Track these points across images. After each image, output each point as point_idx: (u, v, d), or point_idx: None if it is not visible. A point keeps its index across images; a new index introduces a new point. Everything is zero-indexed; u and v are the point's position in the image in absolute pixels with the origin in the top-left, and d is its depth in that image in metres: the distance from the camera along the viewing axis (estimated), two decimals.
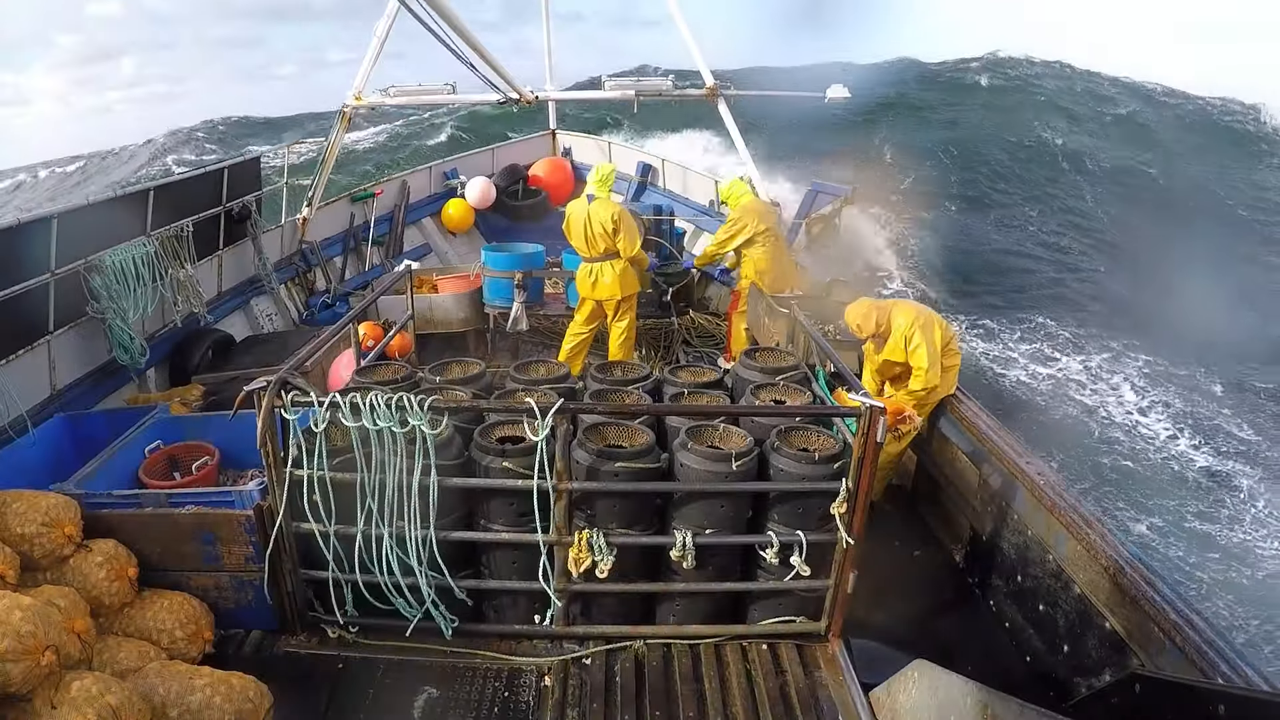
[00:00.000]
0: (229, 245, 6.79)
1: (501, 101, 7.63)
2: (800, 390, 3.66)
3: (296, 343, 5.09)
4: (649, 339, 7.40)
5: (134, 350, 5.17)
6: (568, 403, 2.95)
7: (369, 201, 8.71)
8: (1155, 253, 14.09)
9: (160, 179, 5.73)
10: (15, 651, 2.19)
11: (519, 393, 3.52)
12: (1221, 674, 2.34)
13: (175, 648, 2.92)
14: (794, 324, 4.77)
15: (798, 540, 3.03)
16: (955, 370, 4.50)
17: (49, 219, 4.53)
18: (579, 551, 2.99)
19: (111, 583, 2.91)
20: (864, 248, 11.84)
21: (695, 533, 3.02)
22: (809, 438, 3.28)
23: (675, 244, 8.22)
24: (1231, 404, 10.13)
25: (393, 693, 2.95)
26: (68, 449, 4.19)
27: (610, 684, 3.01)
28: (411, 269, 5.16)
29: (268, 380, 2.91)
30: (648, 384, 3.73)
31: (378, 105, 7.67)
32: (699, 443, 3.13)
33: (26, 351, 4.58)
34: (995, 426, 4.07)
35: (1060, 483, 3.48)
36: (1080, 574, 3.11)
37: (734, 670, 3.10)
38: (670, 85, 7.78)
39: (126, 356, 5.16)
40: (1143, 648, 2.72)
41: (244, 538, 3.05)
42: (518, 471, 2.98)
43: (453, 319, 6.75)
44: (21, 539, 2.81)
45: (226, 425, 4.13)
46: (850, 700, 2.94)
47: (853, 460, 2.94)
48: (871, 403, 2.85)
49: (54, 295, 4.69)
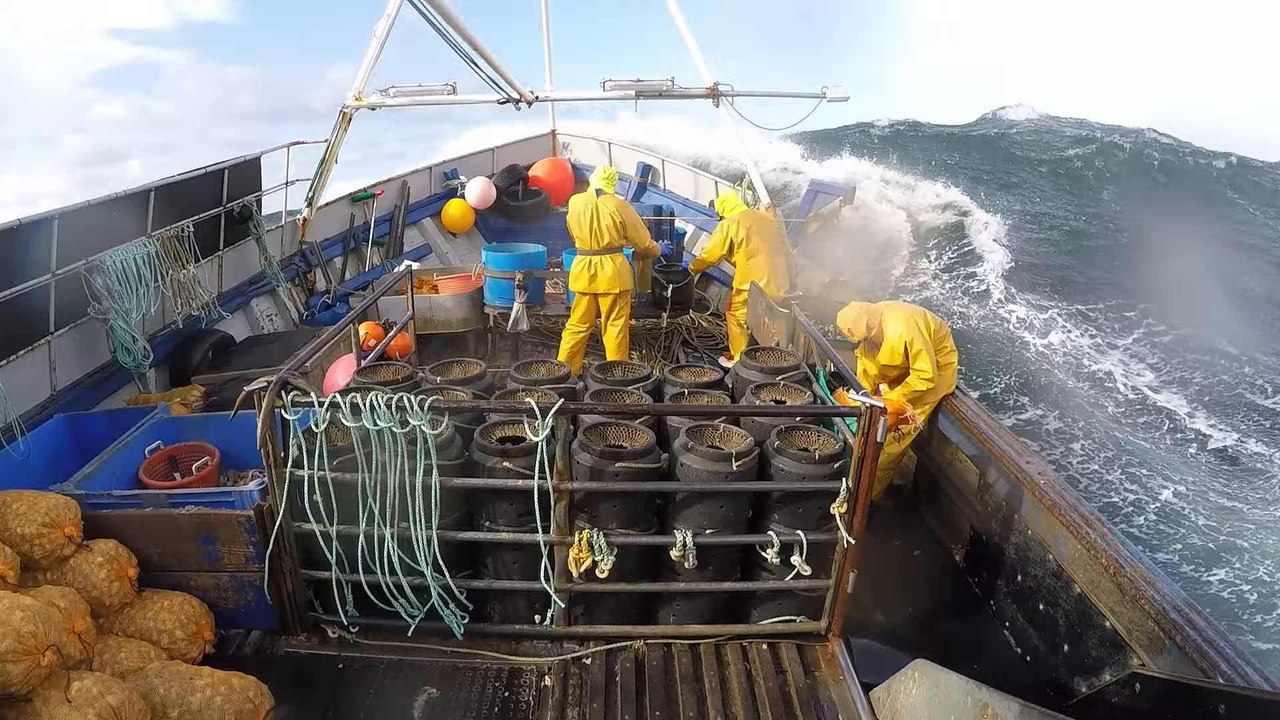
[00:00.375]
0: (229, 245, 6.79)
1: (502, 101, 7.63)
2: (801, 390, 3.66)
3: (297, 343, 5.09)
4: (649, 339, 7.41)
5: (137, 352, 5.18)
6: (568, 403, 2.95)
7: (369, 202, 8.71)
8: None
9: (161, 179, 5.71)
10: (16, 652, 2.19)
11: (519, 393, 3.52)
12: (1222, 673, 2.34)
13: (175, 648, 2.92)
14: (794, 324, 4.77)
15: (798, 540, 3.03)
16: (953, 368, 4.50)
17: (50, 219, 4.53)
18: (579, 551, 2.99)
19: (112, 583, 2.91)
20: (867, 247, 11.83)
21: (695, 533, 3.02)
22: (809, 437, 3.28)
23: (676, 244, 8.23)
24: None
25: (393, 693, 2.95)
26: (68, 449, 4.20)
27: (610, 684, 3.02)
28: (412, 269, 5.16)
29: (268, 381, 2.91)
30: (648, 384, 3.73)
31: (378, 105, 7.66)
32: (699, 443, 3.14)
33: (27, 352, 4.58)
34: (995, 426, 4.07)
35: (1060, 482, 3.48)
36: (1080, 573, 3.11)
37: (734, 670, 3.10)
38: (671, 85, 7.77)
39: (130, 359, 5.16)
40: (1143, 647, 2.72)
41: (244, 538, 3.05)
42: (518, 471, 2.99)
43: (453, 319, 6.74)
44: (22, 539, 2.81)
45: (227, 426, 4.13)
46: (850, 700, 2.94)
47: (853, 460, 2.94)
48: (872, 402, 2.85)
49: (55, 296, 4.69)
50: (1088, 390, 10.18)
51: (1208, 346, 11.19)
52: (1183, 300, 11.92)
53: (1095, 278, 13.55)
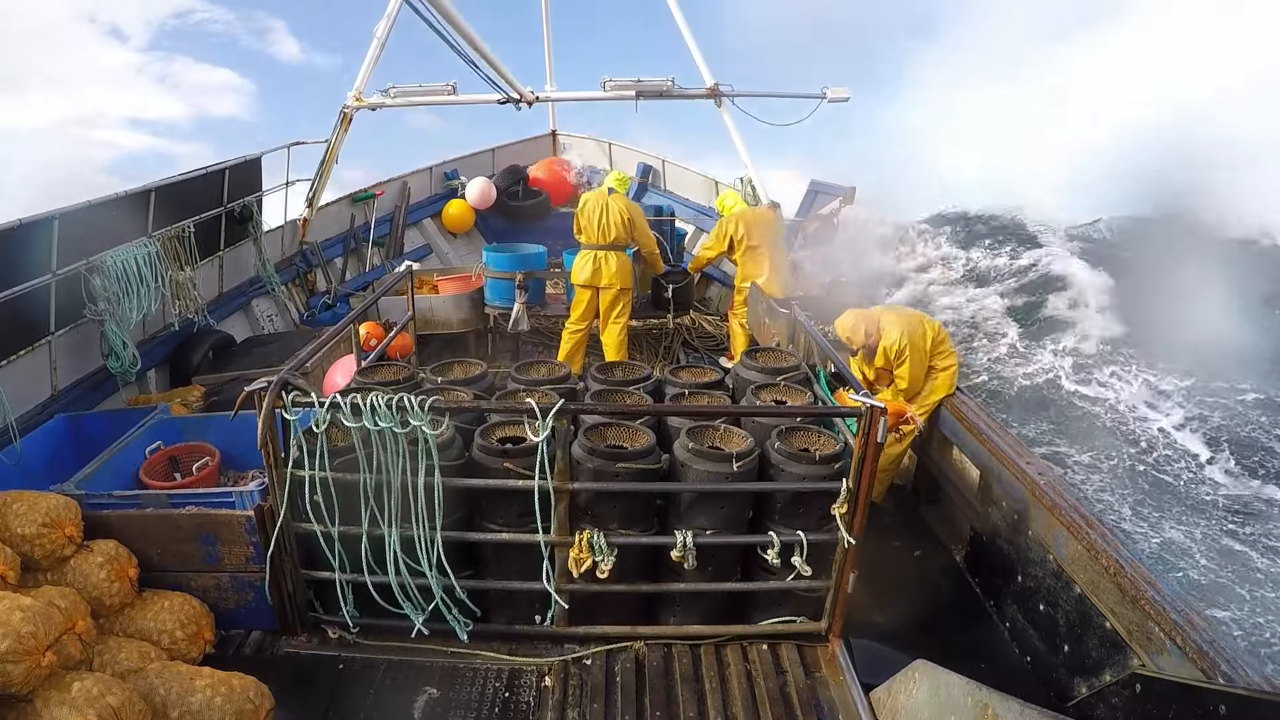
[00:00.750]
0: (230, 246, 6.79)
1: (502, 101, 7.63)
2: (801, 391, 3.66)
3: (297, 344, 5.09)
4: (649, 339, 7.41)
5: (125, 359, 5.11)
6: (568, 403, 2.95)
7: (369, 202, 8.71)
8: None
9: (161, 179, 5.71)
10: (16, 652, 2.20)
11: (520, 393, 3.52)
12: (1222, 674, 2.34)
13: (176, 648, 2.92)
14: (794, 324, 4.77)
15: (798, 540, 3.03)
16: (952, 371, 4.51)
17: (50, 219, 4.53)
18: (579, 552, 2.99)
19: (112, 583, 2.91)
20: (870, 247, 11.78)
21: (696, 533, 3.02)
22: (810, 438, 3.28)
23: (676, 244, 8.23)
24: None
25: (393, 693, 2.95)
26: (68, 449, 4.20)
27: (610, 684, 3.02)
28: (412, 269, 5.16)
29: (268, 381, 2.91)
30: (648, 384, 3.73)
31: (378, 106, 7.67)
32: (700, 443, 3.14)
33: (28, 352, 4.58)
34: (996, 427, 4.07)
35: (1060, 483, 3.47)
36: (1080, 574, 3.10)
37: (734, 670, 3.10)
38: (671, 85, 7.78)
39: (118, 364, 5.10)
40: (1143, 648, 2.72)
41: (245, 538, 3.05)
42: (518, 472, 2.99)
43: (453, 320, 6.75)
44: (22, 539, 2.81)
45: (227, 426, 4.13)
46: (851, 700, 2.94)
47: (853, 460, 2.94)
48: (872, 403, 2.85)
49: (55, 296, 4.69)
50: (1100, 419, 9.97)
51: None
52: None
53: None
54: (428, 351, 6.45)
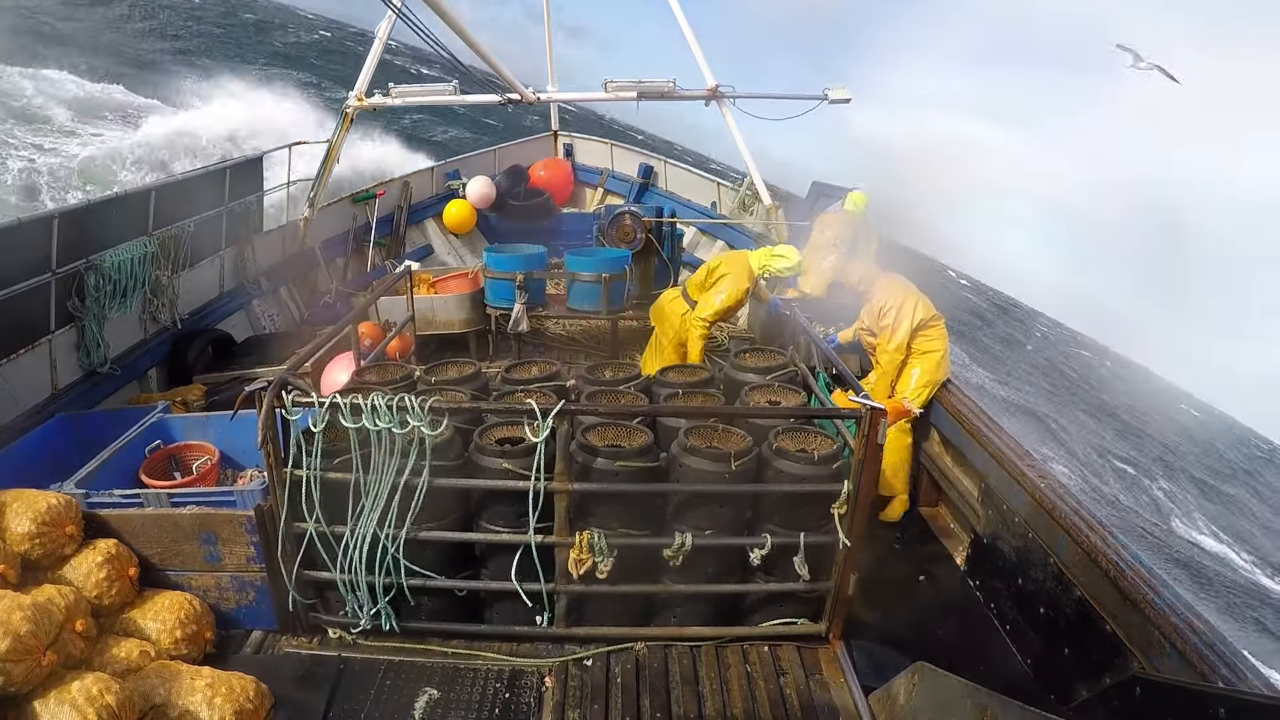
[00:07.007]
0: (230, 245, 6.79)
1: (503, 102, 7.63)
2: (795, 390, 3.66)
3: (297, 343, 5.08)
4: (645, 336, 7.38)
5: (96, 358, 5.01)
6: (568, 404, 2.95)
7: (370, 202, 8.70)
8: None
9: (162, 179, 5.71)
10: (16, 651, 2.20)
11: (518, 393, 3.52)
12: (1222, 677, 2.34)
13: (176, 648, 2.92)
14: (794, 325, 4.77)
15: (797, 542, 3.02)
16: (941, 355, 4.52)
17: (50, 218, 4.53)
18: (579, 553, 2.99)
19: (112, 583, 2.91)
20: None
21: (695, 534, 3.02)
22: (808, 439, 3.27)
23: (676, 246, 8.22)
24: None
25: (394, 693, 2.94)
26: (68, 449, 4.19)
27: (610, 685, 3.02)
28: (412, 269, 5.16)
29: (268, 381, 2.91)
30: (638, 384, 3.72)
31: (380, 106, 7.66)
32: (698, 443, 3.13)
33: (27, 351, 4.58)
34: (997, 429, 4.07)
35: (1061, 486, 3.47)
36: (1081, 577, 3.10)
37: (734, 672, 3.10)
38: (672, 86, 7.77)
39: (88, 361, 4.99)
40: (1143, 651, 2.72)
41: (245, 538, 3.05)
42: (517, 472, 2.98)
43: (454, 320, 6.74)
44: (22, 539, 2.81)
45: (227, 425, 4.12)
46: (851, 702, 2.94)
47: (853, 462, 2.94)
48: (872, 404, 2.85)
49: (55, 295, 4.69)
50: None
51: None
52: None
53: None
54: (428, 352, 6.44)
